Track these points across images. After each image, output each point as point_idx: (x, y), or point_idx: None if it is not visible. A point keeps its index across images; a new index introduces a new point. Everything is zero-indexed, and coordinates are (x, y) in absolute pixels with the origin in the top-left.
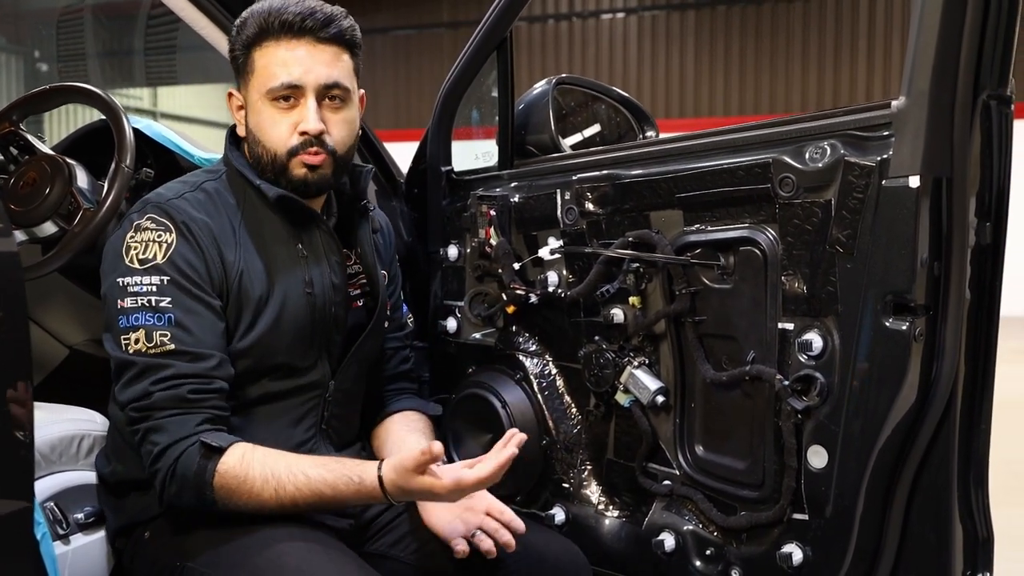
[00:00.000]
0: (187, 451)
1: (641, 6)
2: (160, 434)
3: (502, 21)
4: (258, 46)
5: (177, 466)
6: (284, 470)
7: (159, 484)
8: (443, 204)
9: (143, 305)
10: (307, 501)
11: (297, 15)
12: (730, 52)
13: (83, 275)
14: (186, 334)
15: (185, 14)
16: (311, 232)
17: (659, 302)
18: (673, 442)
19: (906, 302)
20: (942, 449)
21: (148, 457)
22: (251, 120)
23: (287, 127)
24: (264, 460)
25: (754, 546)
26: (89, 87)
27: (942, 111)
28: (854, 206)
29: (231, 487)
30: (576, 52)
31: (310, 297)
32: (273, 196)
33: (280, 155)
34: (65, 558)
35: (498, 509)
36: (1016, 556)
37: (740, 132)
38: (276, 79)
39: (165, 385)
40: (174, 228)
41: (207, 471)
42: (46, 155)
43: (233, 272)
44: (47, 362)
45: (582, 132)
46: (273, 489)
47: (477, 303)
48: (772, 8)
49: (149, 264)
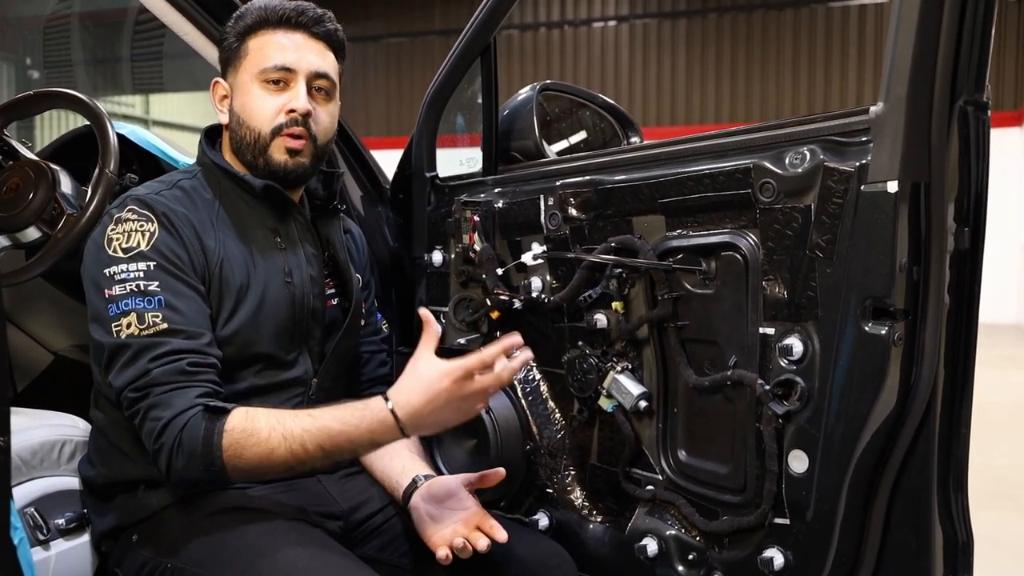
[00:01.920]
0: (191, 419)
1: (633, 14)
2: (161, 409)
3: (486, 28)
4: (253, 34)
5: (183, 436)
6: (289, 417)
7: (165, 461)
8: (428, 210)
9: (132, 291)
10: (316, 441)
11: (293, 10)
12: (721, 60)
13: (68, 281)
14: (177, 315)
15: (169, 19)
16: (288, 224)
17: (642, 307)
18: (656, 447)
19: (885, 307)
20: (922, 453)
21: (151, 436)
22: (237, 102)
23: (275, 107)
24: (267, 412)
25: (736, 551)
26: (74, 92)
27: (920, 116)
28: (833, 211)
29: (239, 442)
30: (568, 60)
31: (289, 286)
32: (259, 187)
33: (264, 134)
34: (46, 563)
35: (488, 524)
36: (998, 560)
37: (722, 137)
38: (271, 60)
39: (163, 361)
40: (155, 218)
41: (214, 433)
42: (30, 160)
43: (214, 260)
44: (32, 368)
45: (568, 139)
46: (281, 435)
47: (462, 309)
48: (763, 16)
49: (133, 252)
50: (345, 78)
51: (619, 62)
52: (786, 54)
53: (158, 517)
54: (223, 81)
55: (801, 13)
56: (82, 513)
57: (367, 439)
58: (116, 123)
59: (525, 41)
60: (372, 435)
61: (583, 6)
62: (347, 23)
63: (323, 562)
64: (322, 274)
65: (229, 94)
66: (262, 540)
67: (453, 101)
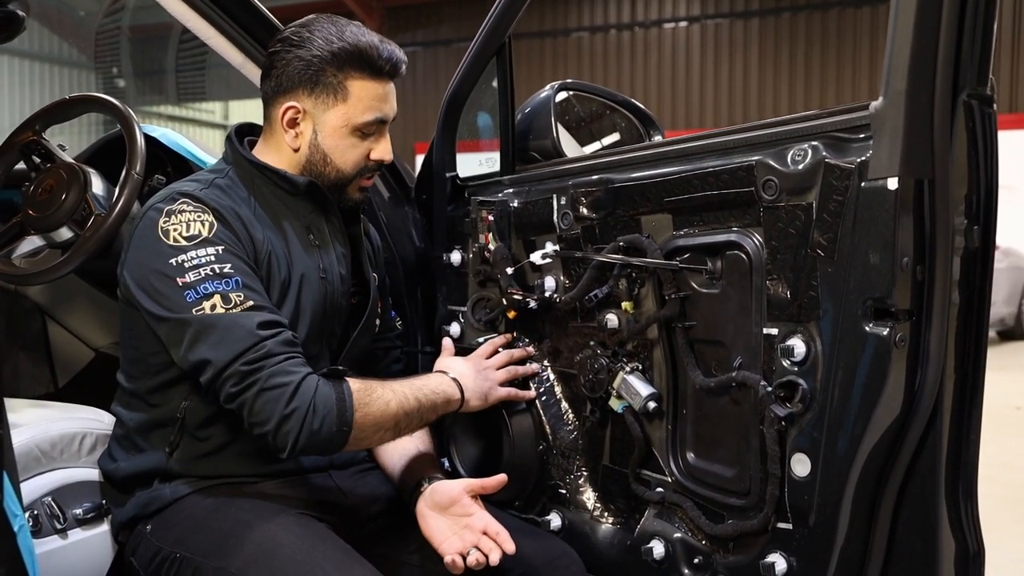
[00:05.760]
0: (320, 383)
1: (704, 14)
2: (286, 376)
3: (499, 27)
4: (356, 75)
5: (317, 398)
6: (388, 382)
7: (297, 424)
8: (448, 210)
9: (208, 275)
10: (416, 396)
11: (393, 61)
12: (795, 59)
13: (103, 279)
14: (256, 294)
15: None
16: (321, 223)
17: (651, 307)
18: (665, 448)
19: (886, 307)
20: (929, 459)
21: (278, 403)
22: (327, 141)
23: (364, 154)
24: (369, 381)
25: (740, 555)
26: (106, 97)
27: (921, 111)
28: (835, 209)
29: (364, 400)
30: (639, 61)
31: (324, 283)
32: (303, 183)
33: (348, 176)
34: (63, 552)
35: (494, 530)
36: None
37: (728, 135)
38: (373, 114)
39: (271, 332)
40: (209, 210)
41: (344, 393)
42: (64, 163)
43: (263, 252)
44: (73, 364)
45: (600, 140)
46: (391, 391)
47: (479, 308)
48: (838, 14)
49: (198, 239)
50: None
51: (690, 63)
52: (863, 52)
53: (170, 509)
54: (297, 104)
55: (879, 10)
56: (100, 504)
57: (442, 401)
58: (149, 127)
59: (595, 43)
60: (446, 396)
61: (654, 7)
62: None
63: (320, 555)
64: (350, 272)
65: (308, 118)
66: (264, 533)
67: (476, 102)
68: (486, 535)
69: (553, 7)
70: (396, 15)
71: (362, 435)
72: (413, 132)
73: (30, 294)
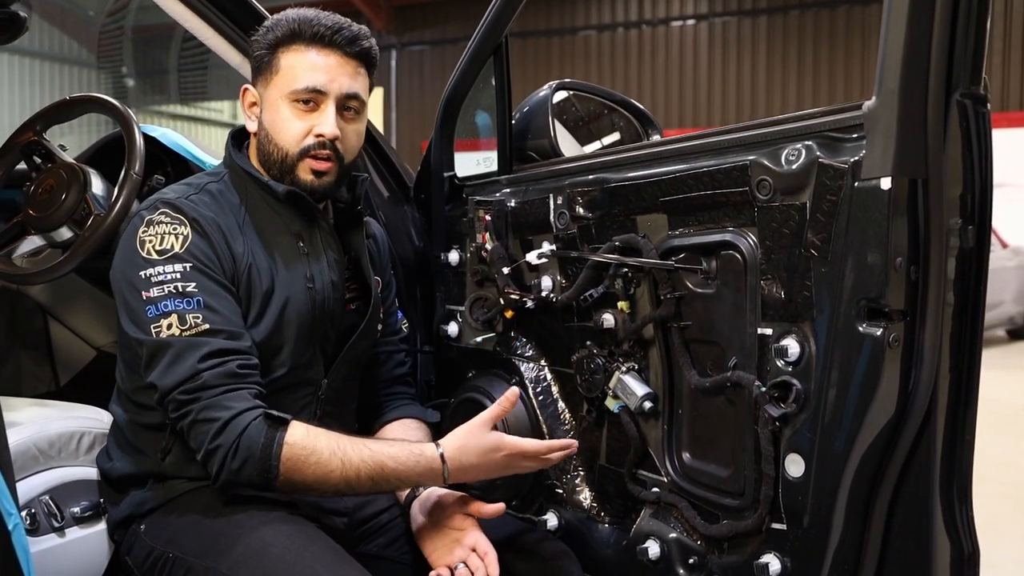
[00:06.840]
0: (251, 424)
1: (712, 12)
2: (217, 410)
3: (496, 27)
4: (285, 48)
5: (242, 440)
6: (348, 443)
7: (218, 462)
8: (445, 209)
9: (170, 292)
10: (369, 473)
11: (328, 28)
12: (803, 57)
13: (105, 279)
14: (217, 315)
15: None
16: (312, 230)
17: (647, 307)
18: (661, 448)
19: (880, 307)
20: (923, 460)
21: (207, 436)
22: (266, 117)
23: (303, 128)
24: (327, 434)
25: (734, 555)
26: (106, 98)
27: (913, 111)
28: (828, 208)
29: (300, 458)
30: (646, 59)
31: (311, 292)
32: (282, 192)
33: (291, 154)
34: (60, 550)
35: (483, 550)
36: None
37: (722, 135)
38: (301, 82)
39: (212, 363)
40: (187, 222)
41: (275, 443)
42: (65, 163)
43: (242, 265)
44: (75, 363)
45: (600, 140)
46: (340, 461)
47: (477, 308)
48: (847, 12)
49: (168, 254)
50: (426, 81)
51: (698, 61)
52: (871, 50)
53: (163, 509)
54: (252, 88)
55: None
56: (98, 503)
57: (413, 480)
58: (149, 127)
59: (603, 42)
60: (419, 478)
61: (661, 5)
62: (427, 27)
63: (310, 555)
64: (343, 279)
65: (259, 103)
66: (254, 533)
67: (474, 102)
68: (475, 553)
69: (560, 6)
70: (403, 14)
71: (291, 489)
72: (420, 131)
73: (31, 293)
